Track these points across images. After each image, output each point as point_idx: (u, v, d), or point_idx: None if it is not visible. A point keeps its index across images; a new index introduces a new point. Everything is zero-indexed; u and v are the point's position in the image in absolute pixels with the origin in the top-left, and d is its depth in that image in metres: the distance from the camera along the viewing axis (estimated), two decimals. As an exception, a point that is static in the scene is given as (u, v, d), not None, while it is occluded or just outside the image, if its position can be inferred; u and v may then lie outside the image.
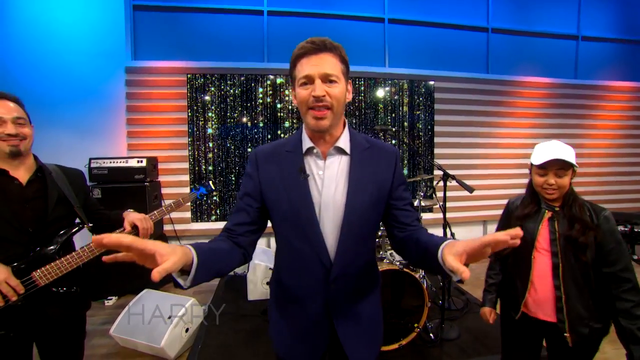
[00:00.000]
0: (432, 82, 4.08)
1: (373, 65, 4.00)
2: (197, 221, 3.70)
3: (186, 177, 3.61)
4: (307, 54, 0.85)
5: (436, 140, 4.11)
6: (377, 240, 2.23)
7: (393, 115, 4.00)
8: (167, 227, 3.53)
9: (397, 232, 0.99)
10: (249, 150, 3.70)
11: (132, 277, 2.92)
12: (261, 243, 3.68)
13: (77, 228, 1.29)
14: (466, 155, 4.13)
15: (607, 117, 4.61)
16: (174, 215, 3.53)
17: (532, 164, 1.22)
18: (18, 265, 1.12)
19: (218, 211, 3.71)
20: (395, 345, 1.98)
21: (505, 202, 1.40)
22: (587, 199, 1.20)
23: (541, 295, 1.19)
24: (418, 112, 4.07)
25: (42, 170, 1.24)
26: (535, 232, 1.20)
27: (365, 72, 3.90)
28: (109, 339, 2.29)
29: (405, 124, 4.04)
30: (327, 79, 0.85)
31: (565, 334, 1.15)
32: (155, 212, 1.47)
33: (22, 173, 1.20)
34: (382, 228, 2.20)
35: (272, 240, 3.62)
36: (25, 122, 1.20)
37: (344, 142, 0.94)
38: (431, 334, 2.11)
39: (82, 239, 1.29)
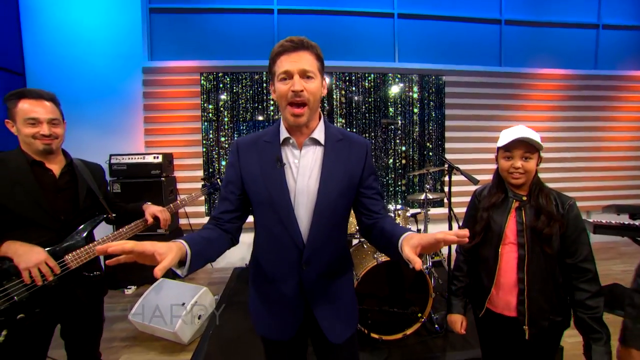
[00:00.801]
0: (442, 76, 4.04)
1: (383, 60, 4.01)
2: (209, 216, 3.82)
3: (200, 173, 3.74)
4: (286, 52, 0.91)
5: (447, 134, 4.07)
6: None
7: (403, 109, 3.99)
8: (182, 221, 3.67)
9: (365, 219, 1.05)
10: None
11: (150, 268, 3.05)
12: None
13: (102, 218, 1.39)
14: (478, 149, 4.06)
15: (629, 109, 4.42)
16: (188, 209, 3.67)
17: (498, 149, 1.20)
18: (53, 249, 1.22)
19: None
20: (400, 335, 2.01)
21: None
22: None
23: (505, 288, 1.17)
24: (428, 107, 4.04)
25: (72, 164, 1.35)
26: (504, 224, 1.17)
27: (375, 67, 3.91)
28: (128, 324, 2.43)
29: (416, 117, 4.02)
30: (304, 75, 0.91)
31: (524, 327, 1.14)
32: (171, 205, 1.58)
33: (55, 165, 1.30)
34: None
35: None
36: (59, 122, 1.29)
37: (319, 133, 1.00)
38: (436, 325, 2.13)
39: (99, 228, 1.40)
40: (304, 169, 0.97)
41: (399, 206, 2.48)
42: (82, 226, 1.32)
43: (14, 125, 1.24)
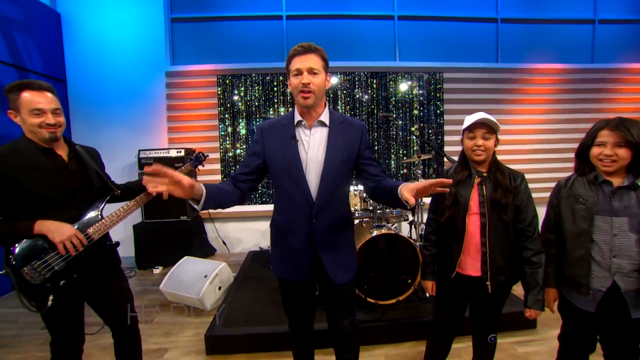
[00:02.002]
0: (441, 73, 4.29)
1: (384, 60, 4.29)
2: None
3: (218, 166, 4.12)
4: (298, 54, 1.22)
5: (446, 128, 4.31)
6: (373, 210, 2.55)
7: (404, 105, 4.25)
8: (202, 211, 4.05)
9: (369, 183, 1.35)
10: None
11: (174, 251, 3.43)
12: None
13: (110, 194, 1.50)
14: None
15: (625, 101, 4.54)
16: (207, 199, 4.06)
17: (463, 132, 1.42)
18: (77, 224, 1.34)
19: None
20: (393, 300, 2.30)
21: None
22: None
23: (471, 253, 1.37)
24: (428, 103, 4.29)
25: (75, 149, 1.43)
26: (468, 197, 1.36)
27: (377, 66, 4.20)
28: (159, 295, 2.80)
29: (416, 111, 4.28)
30: (311, 72, 1.21)
31: (487, 283, 1.35)
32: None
33: (62, 151, 1.38)
34: (372, 206, 2.52)
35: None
36: (61, 112, 1.33)
37: (325, 117, 1.30)
38: (427, 293, 2.40)
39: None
40: (313, 144, 1.28)
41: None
42: (96, 203, 1.43)
43: (17, 116, 1.29)
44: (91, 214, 1.39)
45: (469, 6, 4.38)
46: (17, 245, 1.22)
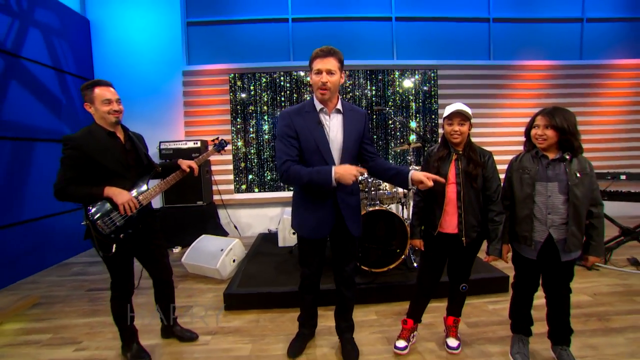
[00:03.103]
0: (436, 71, 4.59)
1: (383, 58, 4.62)
2: (237, 192, 4.60)
3: (230, 157, 4.51)
4: (319, 57, 1.52)
5: (440, 122, 4.61)
6: (368, 191, 2.90)
7: (401, 101, 4.58)
8: (215, 197, 4.45)
9: (367, 159, 1.70)
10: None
11: (191, 233, 3.82)
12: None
13: (154, 171, 1.84)
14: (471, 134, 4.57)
15: (610, 95, 4.78)
16: (221, 187, 4.46)
17: (443, 119, 1.73)
18: (132, 192, 1.69)
19: (245, 186, 4.59)
20: (385, 269, 2.64)
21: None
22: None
23: (450, 215, 1.66)
24: (424, 98, 4.60)
25: (129, 134, 1.78)
26: (447, 170, 1.65)
27: (376, 65, 4.53)
28: (181, 269, 3.18)
29: (412, 105, 4.60)
30: (329, 72, 1.51)
31: (462, 238, 1.65)
32: (195, 160, 2.03)
33: (120, 135, 1.72)
34: (367, 188, 2.87)
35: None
36: (120, 101, 1.69)
37: (340, 106, 1.63)
38: (415, 263, 2.75)
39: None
40: (333, 127, 1.60)
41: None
42: (143, 177, 1.77)
43: (91, 107, 1.64)
44: (140, 185, 1.74)
45: (462, 7, 4.68)
46: (91, 206, 1.61)
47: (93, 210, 1.60)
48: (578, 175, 1.49)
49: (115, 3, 4.36)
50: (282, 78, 4.48)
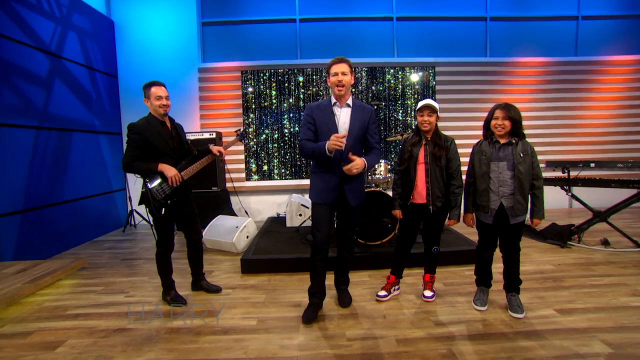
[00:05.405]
0: (434, 67, 4.91)
1: (384, 56, 4.95)
2: (248, 180, 5.03)
3: (241, 147, 4.93)
4: (335, 63, 1.95)
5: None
6: (365, 175, 3.29)
7: (400, 96, 4.92)
8: (228, 185, 4.88)
9: (367, 145, 2.08)
10: (285, 122, 4.92)
11: (206, 216, 4.19)
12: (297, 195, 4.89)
13: (191, 154, 2.32)
14: (468, 127, 4.90)
15: (603, 90, 5.04)
16: (233, 175, 4.88)
17: (416, 112, 2.11)
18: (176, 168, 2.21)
19: (255, 176, 5.00)
20: (378, 242, 3.05)
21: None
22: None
23: (420, 188, 2.08)
24: (423, 93, 4.93)
25: (174, 123, 2.30)
26: (418, 153, 2.07)
27: (378, 62, 4.87)
28: (199, 243, 3.63)
29: (410, 102, 4.94)
30: (343, 74, 1.93)
31: (429, 207, 2.07)
32: (223, 145, 2.54)
33: (168, 124, 2.23)
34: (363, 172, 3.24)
35: (307, 196, 4.81)
36: (169, 97, 2.18)
37: (350, 102, 2.03)
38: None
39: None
40: (343, 118, 1.99)
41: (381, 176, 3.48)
42: (184, 158, 2.26)
43: (148, 101, 2.15)
44: (183, 164, 2.23)
45: (461, 6, 4.97)
46: (149, 178, 2.10)
47: (150, 182, 2.10)
48: (522, 155, 1.88)
49: (137, 5, 4.78)
50: (288, 75, 4.85)
